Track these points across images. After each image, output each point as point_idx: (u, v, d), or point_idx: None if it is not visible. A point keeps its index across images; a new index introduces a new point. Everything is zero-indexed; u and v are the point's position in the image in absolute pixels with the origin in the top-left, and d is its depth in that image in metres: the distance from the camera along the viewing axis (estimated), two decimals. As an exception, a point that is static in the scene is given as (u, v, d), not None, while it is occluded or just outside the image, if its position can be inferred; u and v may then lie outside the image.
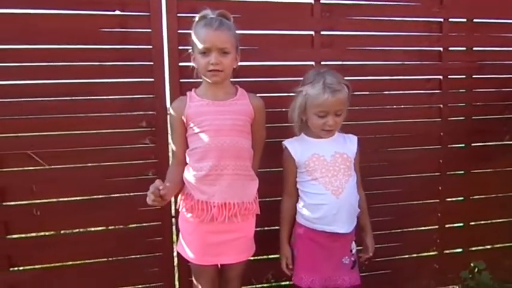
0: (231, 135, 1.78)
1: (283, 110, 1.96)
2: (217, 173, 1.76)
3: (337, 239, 1.85)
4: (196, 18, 1.80)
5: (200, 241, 1.81)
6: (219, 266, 1.92)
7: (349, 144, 1.93)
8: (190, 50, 1.84)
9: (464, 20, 2.40)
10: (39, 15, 1.94)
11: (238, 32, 1.82)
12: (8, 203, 2.00)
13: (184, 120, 1.82)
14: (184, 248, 1.85)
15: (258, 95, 1.92)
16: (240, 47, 1.86)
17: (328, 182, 1.83)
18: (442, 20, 2.35)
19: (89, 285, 2.13)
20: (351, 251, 1.91)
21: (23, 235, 2.06)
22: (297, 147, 1.90)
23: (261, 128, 1.93)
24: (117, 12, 2.00)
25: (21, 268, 2.06)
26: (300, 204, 1.91)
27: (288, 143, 1.92)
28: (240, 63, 1.88)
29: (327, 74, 1.82)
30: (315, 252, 1.86)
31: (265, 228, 2.13)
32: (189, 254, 1.84)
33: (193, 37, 1.78)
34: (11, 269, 2.03)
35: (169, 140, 1.96)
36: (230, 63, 1.79)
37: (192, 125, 1.80)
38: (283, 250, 1.94)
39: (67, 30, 1.96)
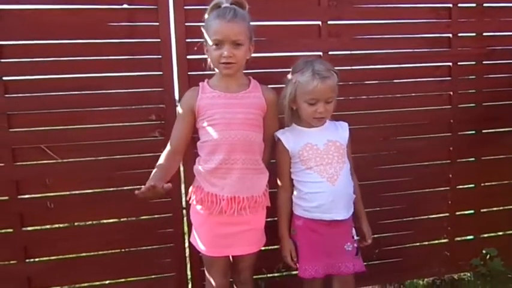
0: (242, 129, 1.77)
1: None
2: (227, 166, 1.76)
3: (336, 226, 1.86)
4: (209, 7, 1.77)
5: (210, 233, 1.83)
6: (231, 257, 1.93)
7: (341, 132, 1.94)
8: (203, 42, 1.82)
9: (474, 4, 2.37)
10: (48, 11, 1.97)
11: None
12: (23, 196, 2.04)
13: (196, 112, 1.81)
14: (196, 239, 1.87)
15: (264, 86, 1.92)
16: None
17: (323, 170, 1.84)
18: (451, 5, 2.32)
19: (102, 276, 2.17)
20: (353, 237, 1.92)
21: (38, 227, 2.10)
22: (290, 137, 1.90)
23: (273, 121, 1.92)
24: (125, 6, 2.01)
25: (37, 259, 2.11)
26: (296, 195, 1.92)
27: (280, 135, 1.92)
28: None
29: (316, 62, 1.84)
30: (316, 242, 1.88)
31: (276, 218, 2.14)
32: (200, 246, 1.86)
33: (205, 28, 1.76)
34: (27, 260, 2.08)
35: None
36: (243, 55, 1.77)
37: (203, 117, 1.79)
38: (287, 244, 1.93)
39: (75, 25, 1.98)
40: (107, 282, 2.19)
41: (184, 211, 2.16)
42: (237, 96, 1.81)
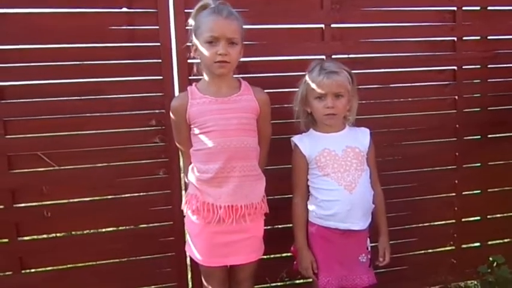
0: (237, 135, 1.71)
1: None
2: (224, 175, 1.70)
3: (352, 236, 1.80)
4: (196, 8, 1.72)
5: (207, 242, 1.76)
6: (229, 267, 1.86)
7: (361, 138, 1.88)
8: (191, 44, 1.76)
9: (478, 8, 2.34)
10: (46, 15, 1.93)
11: (245, 26, 1.76)
12: (19, 205, 1.98)
13: (187, 119, 1.74)
14: (192, 249, 1.81)
15: (267, 90, 1.86)
16: (249, 42, 1.81)
17: (340, 178, 1.78)
18: (455, 8, 2.29)
19: (101, 286, 2.11)
20: (367, 248, 1.86)
21: (34, 237, 2.05)
22: (306, 142, 1.85)
23: (266, 123, 1.86)
24: (124, 9, 1.97)
25: (33, 270, 2.04)
26: (311, 202, 1.85)
27: (297, 140, 1.87)
28: (249, 59, 1.83)
29: (326, 60, 1.84)
30: (328, 251, 1.81)
31: (279, 226, 2.10)
32: (197, 256, 1.80)
33: (195, 27, 1.70)
34: (23, 271, 2.02)
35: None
36: (237, 56, 1.71)
37: (195, 125, 1.73)
38: (307, 255, 1.83)
39: (75, 29, 1.94)
40: (106, 293, 2.13)
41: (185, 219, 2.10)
42: (228, 100, 1.74)
